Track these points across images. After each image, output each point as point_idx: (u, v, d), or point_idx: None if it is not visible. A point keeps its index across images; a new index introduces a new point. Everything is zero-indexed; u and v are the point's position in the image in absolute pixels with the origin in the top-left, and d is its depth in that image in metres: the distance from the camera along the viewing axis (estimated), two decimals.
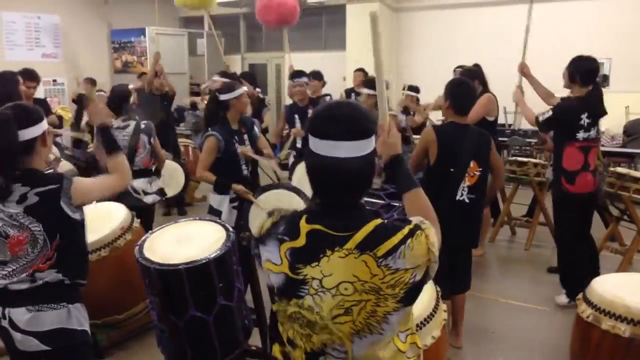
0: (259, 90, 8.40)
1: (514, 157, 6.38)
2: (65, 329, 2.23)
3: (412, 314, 1.56)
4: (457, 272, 3.63)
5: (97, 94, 8.05)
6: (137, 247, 2.83)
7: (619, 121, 8.58)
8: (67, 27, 10.81)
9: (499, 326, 4.18)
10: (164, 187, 5.07)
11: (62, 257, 2.21)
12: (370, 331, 1.44)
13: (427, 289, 2.60)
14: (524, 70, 4.64)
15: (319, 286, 1.43)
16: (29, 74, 5.18)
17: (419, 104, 6.87)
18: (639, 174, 4.82)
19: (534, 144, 7.73)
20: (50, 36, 10.69)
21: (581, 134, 4.03)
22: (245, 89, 4.24)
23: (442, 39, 9.91)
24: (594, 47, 7.83)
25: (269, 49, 12.10)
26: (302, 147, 4.35)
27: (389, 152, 1.66)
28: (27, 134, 2.18)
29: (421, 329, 2.47)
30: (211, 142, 3.93)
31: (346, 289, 1.41)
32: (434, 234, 1.46)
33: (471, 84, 3.79)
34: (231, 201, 4.02)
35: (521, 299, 4.58)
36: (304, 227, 1.47)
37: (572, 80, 4.12)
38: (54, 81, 10.47)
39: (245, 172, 4.09)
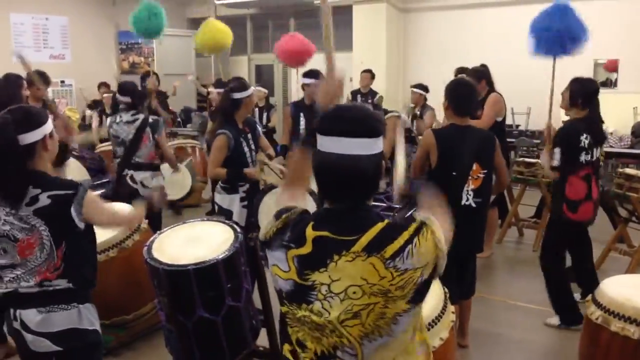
0: (265, 91, 8.43)
1: (521, 158, 6.36)
2: (77, 329, 2.23)
3: (421, 312, 1.56)
4: (464, 277, 3.60)
5: (105, 95, 8.15)
6: (145, 248, 2.85)
7: (627, 122, 8.55)
8: (75, 28, 10.90)
9: (506, 328, 4.17)
10: (170, 187, 5.13)
11: (70, 267, 2.20)
12: (379, 334, 1.44)
13: (435, 291, 2.60)
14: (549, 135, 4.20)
15: (327, 291, 1.43)
16: (42, 76, 5.17)
17: (427, 104, 6.85)
18: None
19: (541, 145, 7.70)
20: (58, 37, 10.75)
21: (583, 157, 3.85)
22: (253, 89, 4.29)
23: (448, 40, 9.89)
24: (601, 48, 7.87)
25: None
26: None
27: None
28: (28, 138, 2.15)
29: (429, 330, 2.47)
30: (222, 140, 3.95)
31: (354, 293, 1.41)
32: (439, 228, 1.46)
33: (472, 84, 3.71)
34: (241, 200, 4.06)
35: (529, 300, 4.55)
36: (310, 234, 1.46)
37: (573, 102, 3.95)
38: (62, 82, 10.53)
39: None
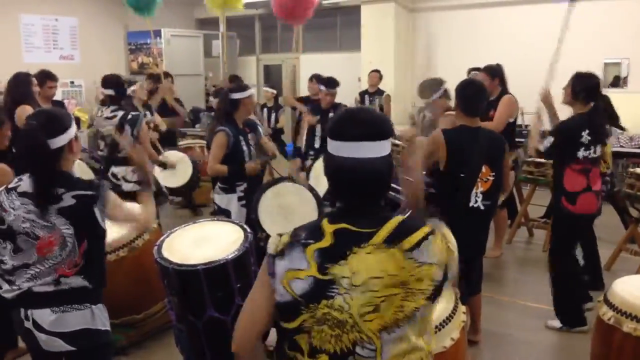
0: (274, 91, 8.44)
1: (531, 158, 6.32)
2: (90, 329, 2.26)
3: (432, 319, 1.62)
4: (470, 277, 3.58)
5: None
6: (155, 247, 2.85)
7: (637, 122, 8.46)
8: (85, 29, 10.95)
9: (516, 328, 4.15)
10: (170, 175, 5.34)
11: (88, 264, 2.24)
12: (398, 326, 1.47)
13: (446, 291, 2.59)
14: (547, 99, 4.16)
15: (348, 284, 1.45)
16: (48, 74, 5.23)
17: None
18: None
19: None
20: (67, 38, 10.81)
21: (581, 152, 3.81)
22: (252, 90, 4.33)
23: (457, 40, 9.84)
24: (611, 47, 7.82)
25: (284, 50, 12.12)
26: (320, 147, 4.41)
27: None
28: (56, 142, 2.19)
29: (440, 330, 2.47)
30: (221, 137, 4.01)
31: (375, 285, 1.44)
32: (449, 233, 1.55)
33: (481, 85, 3.65)
34: (239, 199, 4.08)
35: (538, 301, 4.53)
36: (328, 228, 1.50)
37: (574, 97, 3.92)
38: (72, 83, 10.59)
39: None
